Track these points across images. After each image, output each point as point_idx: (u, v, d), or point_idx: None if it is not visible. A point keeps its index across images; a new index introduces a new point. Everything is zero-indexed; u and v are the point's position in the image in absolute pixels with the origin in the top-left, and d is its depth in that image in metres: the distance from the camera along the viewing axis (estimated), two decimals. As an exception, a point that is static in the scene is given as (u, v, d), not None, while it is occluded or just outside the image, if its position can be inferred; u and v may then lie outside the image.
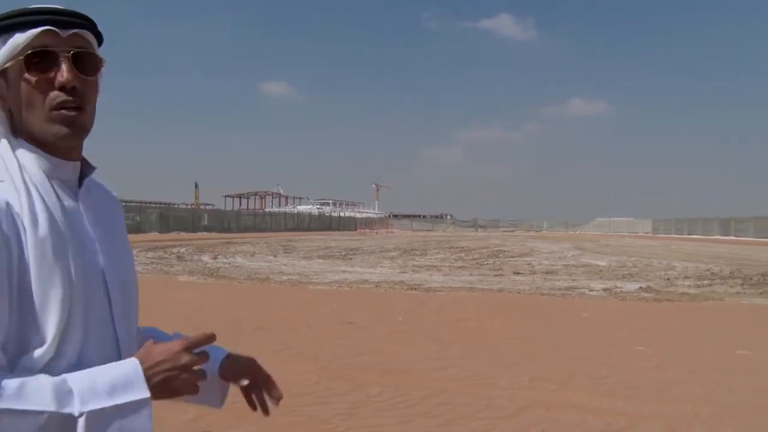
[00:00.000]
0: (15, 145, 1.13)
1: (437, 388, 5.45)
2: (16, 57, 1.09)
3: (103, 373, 1.03)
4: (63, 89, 1.08)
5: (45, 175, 1.12)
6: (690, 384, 5.71)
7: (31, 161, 1.12)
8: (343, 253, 27.66)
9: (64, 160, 1.14)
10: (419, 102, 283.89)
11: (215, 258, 22.80)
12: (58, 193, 1.12)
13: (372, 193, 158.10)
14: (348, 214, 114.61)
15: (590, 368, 6.24)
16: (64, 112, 1.09)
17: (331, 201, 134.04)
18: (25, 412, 0.95)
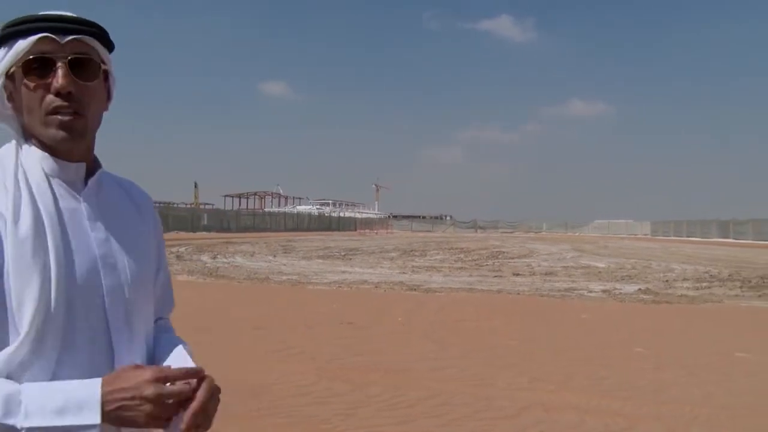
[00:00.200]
0: (21, 146, 1.16)
1: (436, 388, 5.46)
2: (18, 62, 1.12)
3: (62, 390, 1.01)
4: (58, 94, 1.11)
5: (46, 176, 1.13)
6: (688, 386, 5.71)
7: (33, 162, 1.14)
8: (343, 254, 27.66)
9: (66, 161, 1.16)
10: (419, 102, 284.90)
11: (214, 258, 22.80)
12: (57, 194, 1.14)
13: (372, 194, 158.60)
14: (348, 214, 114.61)
15: (589, 369, 6.24)
16: (59, 117, 1.11)
17: (331, 201, 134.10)
18: None
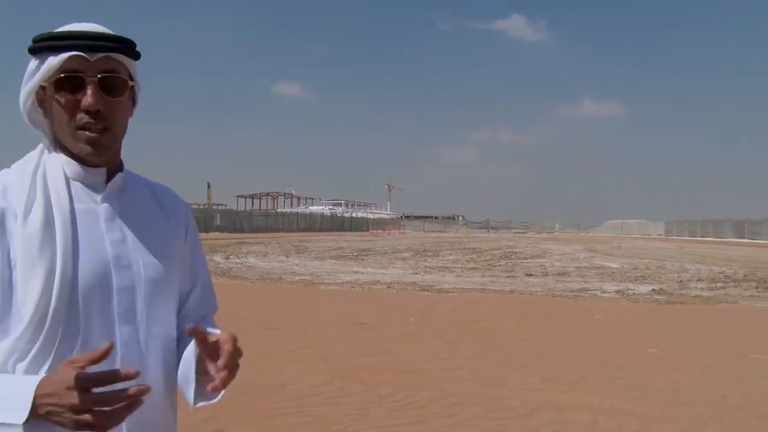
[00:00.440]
0: (50, 151, 1.21)
1: (448, 388, 5.47)
2: (50, 79, 1.16)
3: (4, 386, 1.03)
4: (87, 112, 1.15)
5: (65, 178, 1.18)
6: (702, 387, 5.68)
7: (56, 164, 1.19)
8: (355, 254, 27.69)
9: (88, 166, 1.20)
10: (431, 103, 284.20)
11: (227, 258, 22.89)
12: (74, 195, 1.18)
13: (384, 194, 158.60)
14: (360, 214, 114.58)
15: (602, 370, 6.23)
16: (87, 133, 1.16)
17: (343, 202, 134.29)
18: None
